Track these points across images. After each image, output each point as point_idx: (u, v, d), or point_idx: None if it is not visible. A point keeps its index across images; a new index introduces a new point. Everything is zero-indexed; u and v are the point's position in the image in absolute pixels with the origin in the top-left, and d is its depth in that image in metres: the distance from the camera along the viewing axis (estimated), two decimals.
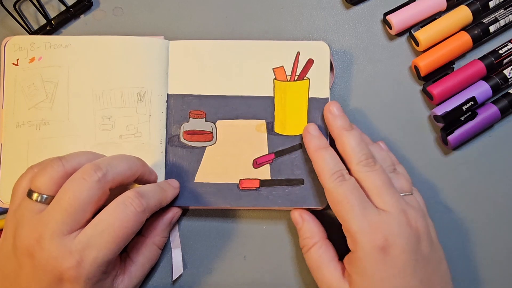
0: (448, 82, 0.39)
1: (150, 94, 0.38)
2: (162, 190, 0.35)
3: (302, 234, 0.37)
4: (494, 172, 0.40)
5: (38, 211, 0.31)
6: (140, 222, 0.32)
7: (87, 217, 0.31)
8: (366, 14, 0.42)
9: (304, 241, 0.36)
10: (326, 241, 0.36)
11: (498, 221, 0.39)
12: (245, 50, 0.39)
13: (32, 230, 0.30)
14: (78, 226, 0.31)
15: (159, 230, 0.37)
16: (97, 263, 0.30)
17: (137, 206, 0.32)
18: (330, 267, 0.34)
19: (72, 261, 0.30)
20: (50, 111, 0.38)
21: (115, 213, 0.31)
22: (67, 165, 0.32)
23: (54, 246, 0.30)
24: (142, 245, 0.37)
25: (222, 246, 0.39)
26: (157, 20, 0.42)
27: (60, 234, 0.30)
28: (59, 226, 0.30)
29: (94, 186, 0.31)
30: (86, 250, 0.30)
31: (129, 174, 0.33)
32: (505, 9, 0.40)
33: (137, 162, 0.35)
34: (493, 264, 0.39)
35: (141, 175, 0.35)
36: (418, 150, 0.40)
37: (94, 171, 0.31)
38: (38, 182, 0.32)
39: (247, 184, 0.38)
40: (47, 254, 0.30)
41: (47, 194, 0.31)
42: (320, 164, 0.35)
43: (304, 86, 0.39)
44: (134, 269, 0.36)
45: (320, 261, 0.35)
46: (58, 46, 0.39)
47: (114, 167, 0.32)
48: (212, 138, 0.39)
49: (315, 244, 0.35)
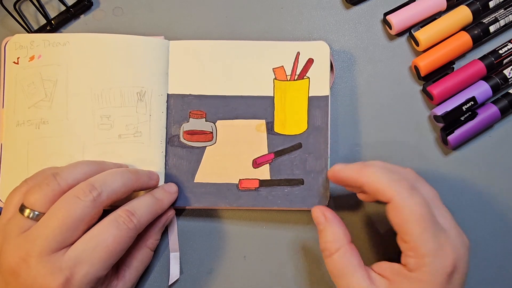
0: (448, 82, 0.39)
1: (150, 94, 0.38)
2: (157, 202, 0.35)
3: (323, 236, 0.33)
4: (494, 172, 0.40)
5: (26, 229, 0.31)
6: (132, 238, 0.33)
7: (78, 235, 0.31)
8: (366, 14, 0.42)
9: (326, 244, 0.32)
10: (351, 245, 0.32)
11: (498, 221, 0.39)
12: (245, 50, 0.39)
13: (18, 248, 0.30)
14: (66, 244, 0.30)
15: (152, 233, 0.37)
16: (87, 279, 0.30)
17: (129, 224, 0.32)
18: (357, 276, 0.31)
19: (61, 278, 0.29)
20: (49, 110, 0.38)
21: (108, 230, 0.31)
22: (63, 183, 0.32)
23: (42, 263, 0.29)
24: (136, 249, 0.36)
25: (222, 246, 0.39)
26: (157, 20, 0.42)
27: (49, 252, 0.30)
28: (49, 243, 0.30)
29: (89, 205, 0.31)
30: (76, 267, 0.30)
31: (123, 191, 0.33)
32: (505, 9, 0.40)
33: (131, 177, 0.34)
34: (493, 264, 0.39)
35: (139, 187, 0.35)
36: (418, 150, 0.40)
37: (89, 191, 0.31)
38: (32, 199, 0.31)
39: (246, 184, 0.38)
40: (34, 272, 0.29)
41: (39, 211, 0.31)
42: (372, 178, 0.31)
43: (304, 85, 0.39)
44: (128, 273, 0.35)
45: (345, 269, 0.31)
46: (56, 44, 0.39)
47: (109, 185, 0.32)
48: (212, 138, 0.39)
49: (338, 249, 0.32)
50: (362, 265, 0.32)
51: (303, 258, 0.39)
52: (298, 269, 0.39)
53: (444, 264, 0.29)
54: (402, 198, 0.29)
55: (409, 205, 0.29)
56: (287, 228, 0.39)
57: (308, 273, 0.39)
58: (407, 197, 0.29)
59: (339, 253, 0.32)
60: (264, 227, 0.40)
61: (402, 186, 0.30)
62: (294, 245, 0.39)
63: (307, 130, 0.38)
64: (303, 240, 0.39)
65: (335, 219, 0.33)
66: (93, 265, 0.30)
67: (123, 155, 0.38)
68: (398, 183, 0.30)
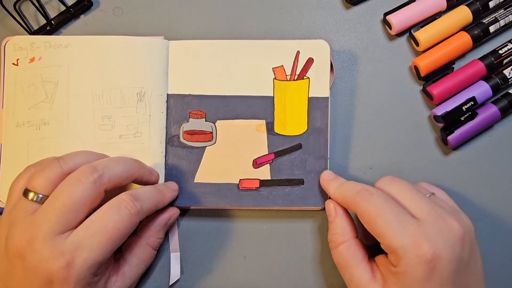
0: (448, 82, 0.39)
1: (150, 94, 0.38)
2: (159, 193, 0.35)
3: (332, 228, 0.35)
4: (494, 172, 0.40)
5: (32, 211, 0.31)
6: (134, 224, 0.32)
7: (80, 218, 0.31)
8: (366, 14, 0.42)
9: (333, 236, 0.35)
10: (356, 240, 0.34)
11: (498, 221, 0.39)
12: (244, 50, 0.39)
13: (24, 232, 0.30)
14: (70, 226, 0.31)
15: (154, 230, 0.37)
16: (87, 264, 0.30)
17: (131, 208, 0.32)
18: (359, 269, 0.33)
19: (62, 262, 0.29)
20: (50, 111, 0.38)
21: (109, 215, 0.31)
22: (65, 166, 0.32)
23: (46, 247, 0.30)
24: (136, 246, 0.36)
25: (222, 246, 0.39)
26: (157, 20, 0.42)
27: (52, 235, 0.30)
28: (52, 226, 0.30)
29: (90, 187, 0.31)
30: (77, 251, 0.30)
31: (125, 176, 0.33)
32: (505, 9, 0.40)
33: (134, 164, 0.34)
34: (493, 264, 0.39)
35: (140, 177, 0.35)
36: (418, 150, 0.40)
37: (90, 173, 0.31)
38: (35, 182, 0.32)
39: (247, 184, 0.38)
40: (38, 255, 0.30)
41: (43, 194, 0.31)
42: (343, 194, 0.34)
43: (304, 85, 0.39)
44: (127, 270, 0.35)
45: (348, 261, 0.33)
46: (58, 46, 0.39)
47: (111, 169, 0.32)
48: (212, 138, 0.39)
49: (343, 242, 0.34)
50: (366, 259, 0.34)
51: (304, 258, 0.39)
52: (298, 269, 0.39)
53: (419, 253, 0.29)
54: (361, 206, 0.32)
55: (367, 209, 0.32)
56: (287, 228, 0.39)
57: (308, 273, 0.39)
58: (366, 205, 0.32)
59: (344, 245, 0.34)
60: (264, 227, 0.40)
61: (361, 197, 0.32)
62: (294, 245, 0.39)
63: (307, 131, 0.38)
64: (303, 240, 0.39)
65: (345, 214, 0.35)
66: (93, 251, 0.30)
67: (123, 155, 0.38)
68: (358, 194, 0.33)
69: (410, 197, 0.32)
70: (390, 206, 0.31)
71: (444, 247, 0.30)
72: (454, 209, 0.34)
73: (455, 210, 0.34)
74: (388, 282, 0.31)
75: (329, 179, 0.37)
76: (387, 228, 0.30)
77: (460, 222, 0.32)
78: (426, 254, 0.29)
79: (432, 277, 0.30)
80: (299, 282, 0.39)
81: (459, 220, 0.32)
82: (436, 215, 0.31)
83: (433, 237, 0.30)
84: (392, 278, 0.31)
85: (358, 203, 0.32)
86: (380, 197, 0.32)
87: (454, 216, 0.32)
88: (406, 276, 0.30)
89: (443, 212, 0.32)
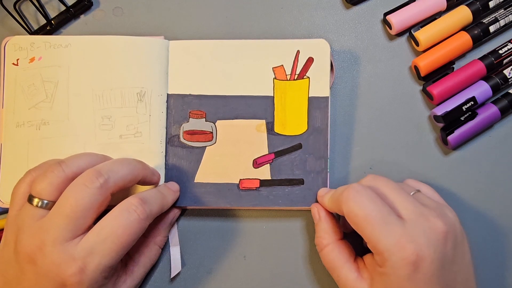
0: (448, 82, 0.39)
1: (150, 94, 0.38)
2: (163, 196, 0.35)
3: (317, 231, 0.36)
4: (494, 172, 0.40)
5: (39, 217, 0.31)
6: (143, 228, 0.32)
7: (89, 223, 0.31)
8: (366, 14, 0.42)
9: (318, 239, 0.36)
10: (339, 242, 0.35)
11: (498, 221, 0.39)
12: (244, 50, 0.39)
13: (34, 237, 0.30)
14: (80, 232, 0.31)
15: (160, 230, 0.38)
16: (100, 269, 0.30)
17: (140, 213, 0.32)
18: (345, 269, 0.34)
19: (75, 267, 0.30)
20: (50, 111, 0.38)
21: (119, 220, 0.31)
22: (67, 170, 0.32)
23: (57, 252, 0.30)
24: (144, 246, 0.37)
25: (222, 246, 0.39)
26: (157, 20, 0.42)
27: (62, 241, 0.30)
28: (61, 232, 0.30)
29: (96, 192, 0.31)
30: (89, 257, 0.30)
31: (130, 178, 0.33)
32: (505, 9, 0.40)
33: (138, 166, 0.34)
34: (493, 264, 0.39)
35: (143, 178, 0.35)
36: (418, 150, 0.40)
37: (96, 177, 0.31)
38: (39, 187, 0.32)
39: (247, 184, 0.38)
40: (50, 261, 0.30)
41: (48, 200, 0.31)
42: (331, 200, 0.35)
43: (304, 85, 0.39)
44: (136, 269, 0.36)
45: (334, 263, 0.34)
46: (58, 46, 0.39)
47: (116, 172, 0.32)
48: (212, 138, 0.39)
49: (327, 246, 0.35)
50: (351, 259, 0.34)
51: (303, 257, 0.39)
52: (298, 268, 0.39)
53: (403, 255, 0.30)
54: (347, 207, 0.32)
55: (353, 211, 0.31)
56: (287, 228, 0.39)
57: (308, 273, 0.39)
58: (352, 206, 0.32)
59: (328, 248, 0.35)
60: (264, 227, 0.40)
61: (346, 196, 0.32)
62: (294, 245, 0.39)
63: (307, 131, 0.38)
64: (303, 240, 0.39)
65: (327, 218, 0.36)
66: (104, 256, 0.30)
67: (124, 155, 0.38)
68: (343, 194, 0.32)
69: (393, 197, 0.32)
70: (375, 207, 0.31)
71: (427, 247, 0.30)
72: (438, 204, 0.34)
73: (440, 205, 0.34)
74: (374, 281, 0.32)
75: (323, 194, 0.37)
76: (373, 231, 0.31)
77: (443, 219, 0.32)
78: (410, 256, 0.30)
79: (416, 277, 0.30)
80: (299, 281, 0.39)
81: (443, 217, 0.32)
82: (419, 214, 0.31)
83: (416, 238, 0.30)
84: (378, 277, 0.32)
85: (343, 203, 0.32)
86: (365, 196, 0.32)
87: (437, 213, 0.32)
88: (390, 277, 0.30)
89: (425, 210, 0.32)
